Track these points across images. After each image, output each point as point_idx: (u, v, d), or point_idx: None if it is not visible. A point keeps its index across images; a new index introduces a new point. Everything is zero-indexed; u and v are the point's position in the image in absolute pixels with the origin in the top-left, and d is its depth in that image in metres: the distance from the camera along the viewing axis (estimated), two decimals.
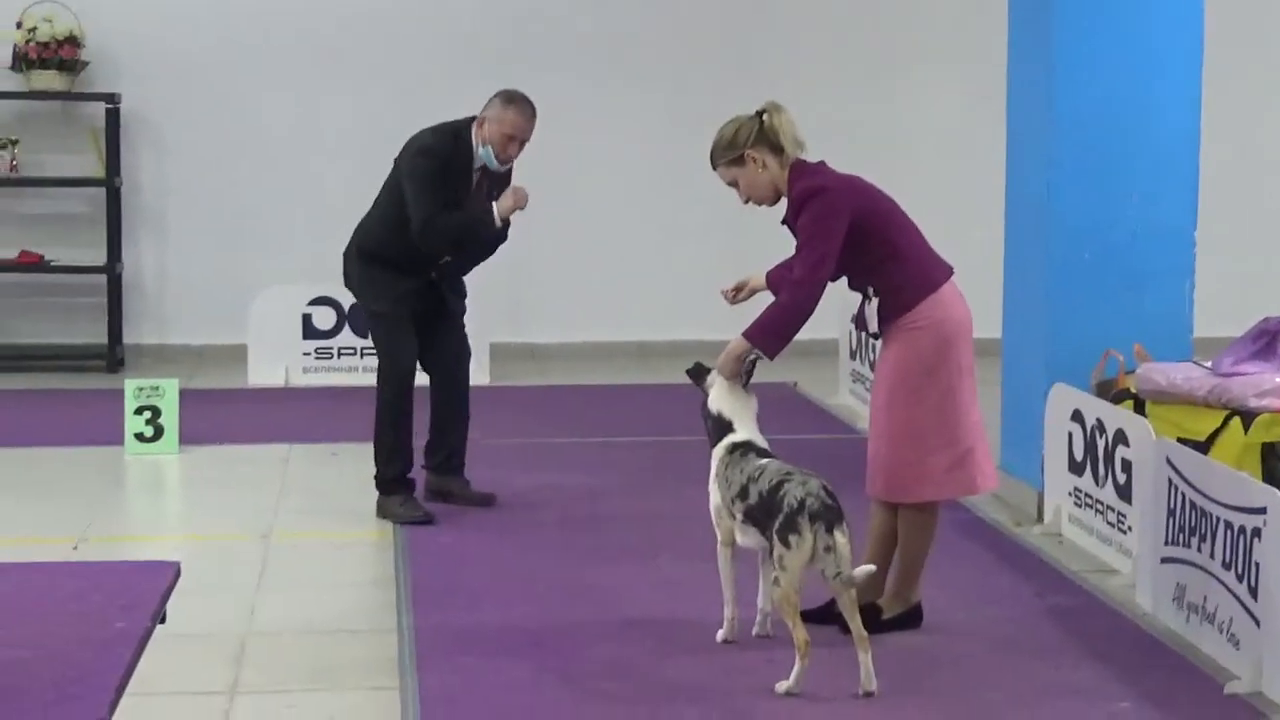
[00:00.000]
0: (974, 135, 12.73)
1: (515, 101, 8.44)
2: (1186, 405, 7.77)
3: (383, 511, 8.42)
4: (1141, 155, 8.45)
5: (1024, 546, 8.07)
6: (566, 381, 12.57)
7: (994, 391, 9.01)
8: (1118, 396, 8.11)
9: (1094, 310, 8.47)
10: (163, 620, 3.93)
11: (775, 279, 6.86)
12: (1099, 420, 7.82)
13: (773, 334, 6.48)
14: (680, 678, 6.16)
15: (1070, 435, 8.10)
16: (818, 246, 6.46)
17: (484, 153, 8.39)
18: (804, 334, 6.66)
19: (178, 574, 4.17)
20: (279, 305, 12.44)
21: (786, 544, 5.94)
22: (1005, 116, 9.02)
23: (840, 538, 5.92)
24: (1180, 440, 7.48)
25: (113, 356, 12.86)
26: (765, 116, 6.58)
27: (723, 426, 6.50)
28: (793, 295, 6.47)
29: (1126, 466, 7.49)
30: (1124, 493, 7.52)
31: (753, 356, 6.55)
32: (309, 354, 12.44)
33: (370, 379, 12.18)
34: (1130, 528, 7.43)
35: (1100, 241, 8.45)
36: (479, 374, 12.20)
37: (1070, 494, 8.12)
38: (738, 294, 7.09)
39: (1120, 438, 7.58)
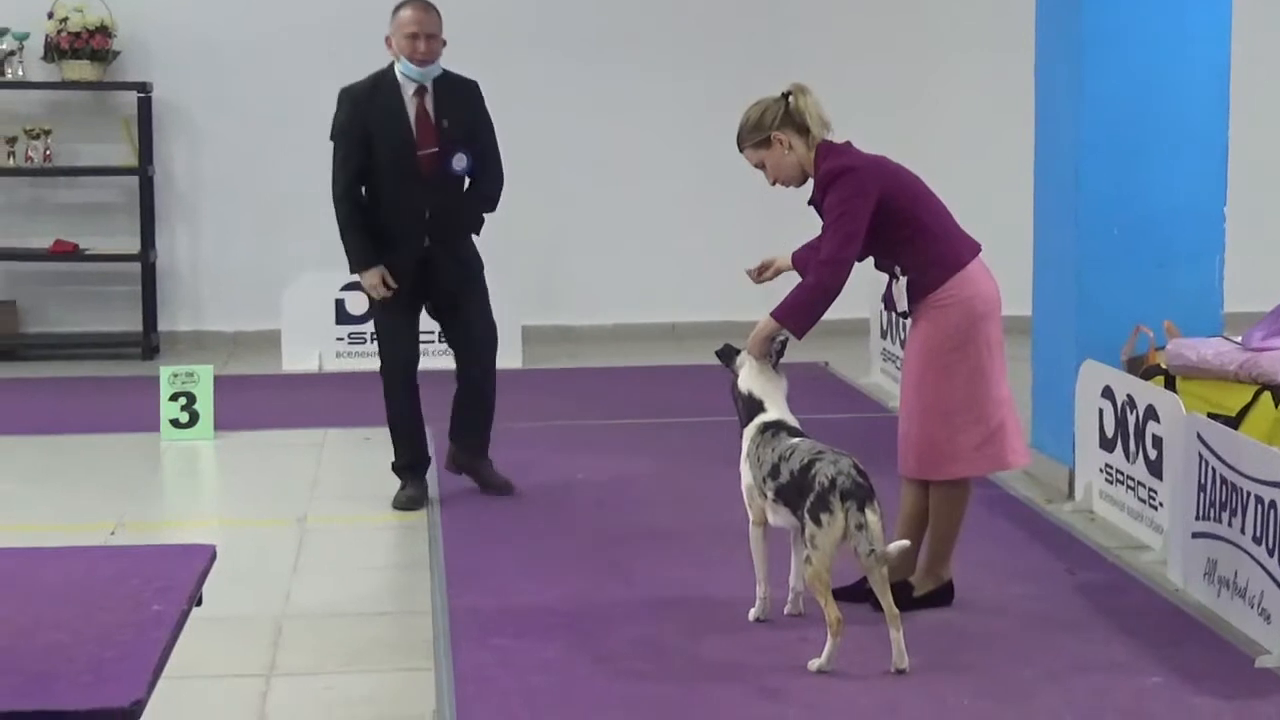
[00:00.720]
0: (1003, 115, 12.68)
1: (403, 4, 8.23)
2: (1217, 380, 7.76)
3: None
4: (1169, 133, 8.44)
5: (1055, 523, 8.08)
6: (598, 364, 12.59)
7: (1025, 369, 9.01)
8: (1148, 372, 8.11)
9: (1124, 287, 8.46)
10: (199, 603, 3.96)
11: (801, 259, 6.87)
12: (1129, 396, 7.82)
13: (801, 314, 6.49)
14: (712, 657, 6.18)
15: (1101, 412, 8.10)
16: (844, 226, 6.46)
17: (404, 68, 8.17)
18: (834, 313, 6.68)
19: (213, 557, 4.20)
20: (312, 291, 12.46)
21: (818, 522, 5.95)
22: (1034, 97, 9.01)
23: (872, 515, 5.93)
24: (1210, 415, 7.48)
25: (147, 344, 12.91)
26: (791, 98, 6.59)
27: (753, 406, 6.51)
28: (819, 275, 6.48)
29: (1157, 442, 7.48)
30: (1155, 468, 7.51)
31: (782, 337, 6.56)
32: (342, 339, 12.46)
33: None
34: (1161, 503, 7.43)
35: (1129, 218, 8.45)
36: (512, 357, 12.28)
37: (1101, 470, 8.12)
38: (762, 273, 7.10)
39: (1151, 413, 7.57)
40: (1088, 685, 5.95)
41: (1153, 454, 7.54)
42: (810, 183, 6.65)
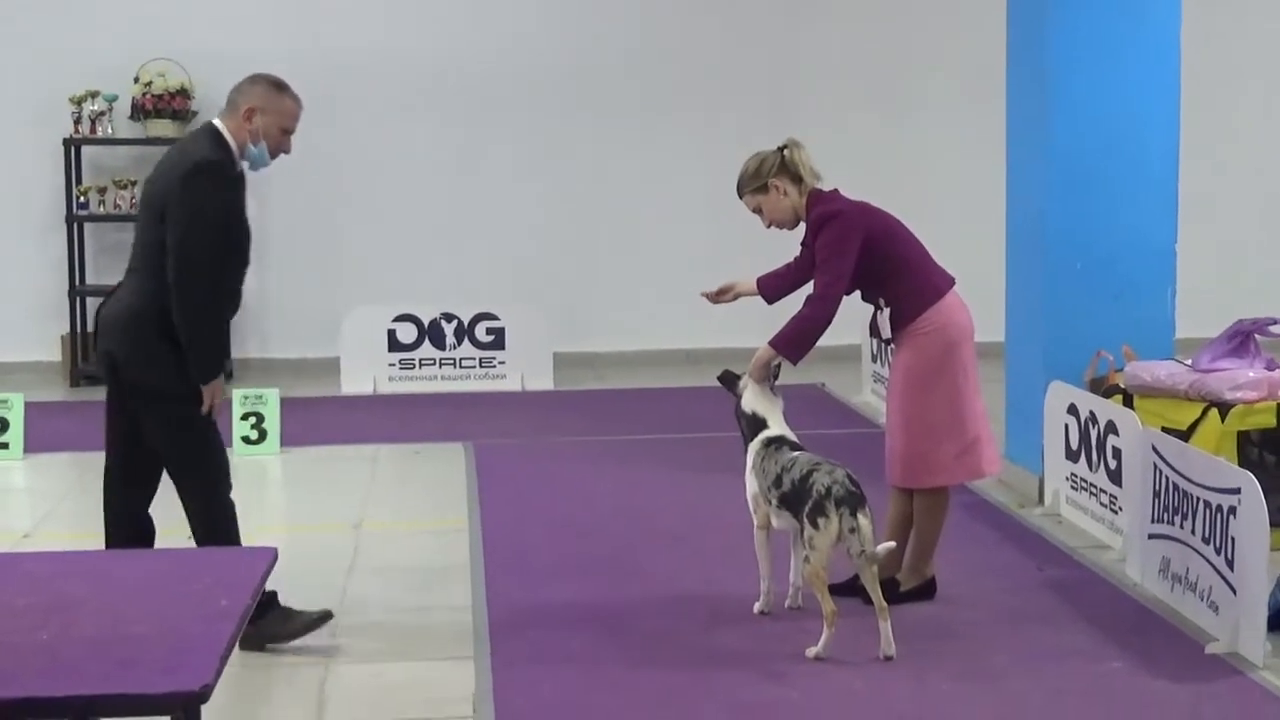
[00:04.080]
0: (976, 161, 12.69)
1: (286, 88, 6.15)
2: (1169, 398, 7.75)
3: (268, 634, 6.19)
4: (1126, 178, 8.43)
5: (1026, 526, 8.05)
6: (622, 385, 12.59)
7: (998, 388, 9.00)
8: (1108, 392, 8.09)
9: (1086, 315, 8.45)
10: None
11: (764, 283, 6.89)
12: (1092, 413, 7.80)
13: (796, 343, 6.49)
14: (722, 646, 6.17)
15: (1066, 426, 8.08)
16: (834, 266, 6.46)
17: (256, 153, 6.03)
18: (830, 340, 6.70)
19: (275, 558, 4.21)
20: (367, 322, 12.50)
21: (815, 525, 5.95)
22: (1005, 146, 9.00)
23: (863, 520, 5.93)
24: (1164, 429, 7.46)
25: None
26: (786, 151, 6.60)
27: (757, 424, 6.51)
28: (814, 309, 6.48)
29: (1117, 454, 7.46)
30: (1115, 477, 7.49)
31: (777, 362, 6.57)
32: (394, 365, 12.49)
33: (449, 385, 12.35)
34: (1120, 508, 7.40)
35: (1091, 254, 8.44)
36: (544, 380, 12.33)
37: (1067, 478, 8.10)
38: (720, 295, 7.09)
39: (1111, 428, 7.55)
40: (1054, 669, 5.93)
41: (1113, 464, 7.52)
42: (801, 226, 6.66)
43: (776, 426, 6.47)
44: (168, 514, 8.40)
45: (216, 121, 6.03)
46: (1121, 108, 8.42)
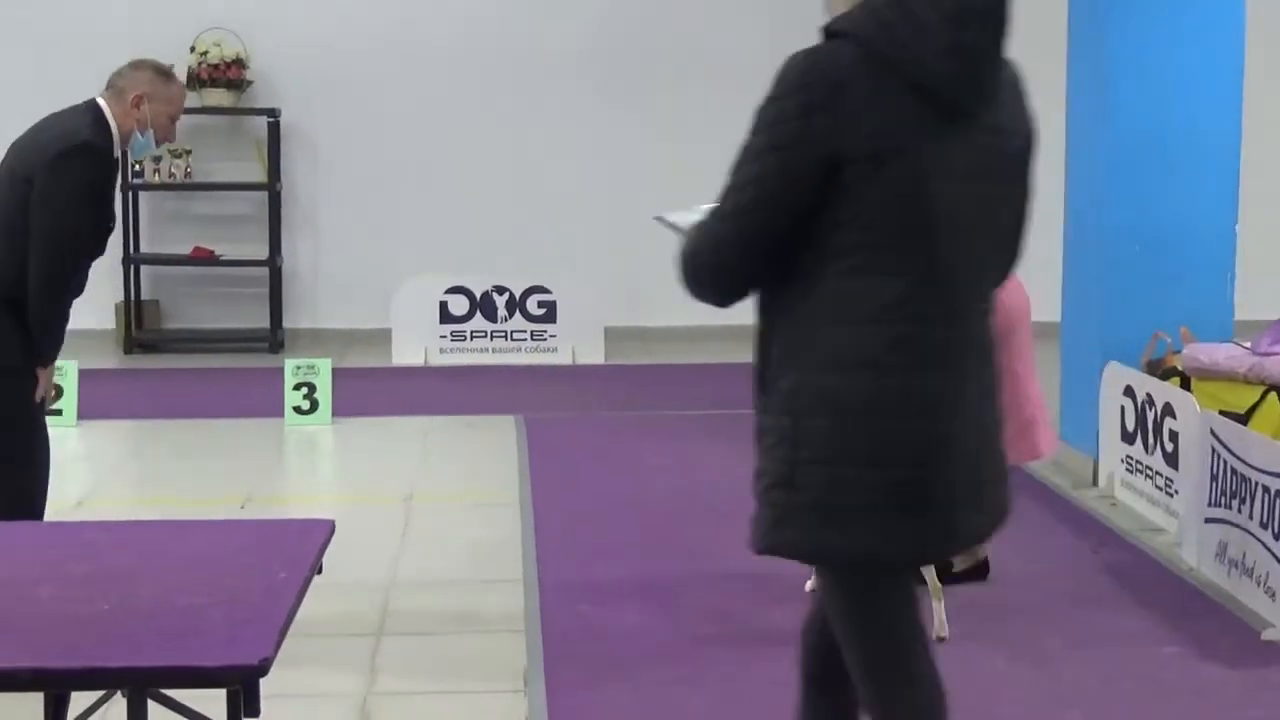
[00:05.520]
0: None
1: (172, 75, 5.96)
2: (1228, 381, 7.68)
3: None
4: (1186, 159, 8.32)
5: (1081, 508, 8.01)
6: (673, 360, 12.57)
7: (1054, 370, 8.94)
8: (1165, 374, 8.03)
9: (1143, 297, 8.37)
10: (319, 571, 3.97)
11: None
12: (1149, 395, 7.75)
13: None
14: (771, 624, 6.14)
15: (1123, 409, 8.03)
16: None
17: (143, 142, 5.81)
18: None
19: (332, 531, 4.21)
20: (419, 293, 12.52)
21: None
22: (1065, 127, 8.94)
23: None
24: (1221, 413, 7.41)
25: (274, 339, 12.97)
26: None
27: None
28: None
29: (1173, 437, 7.41)
30: (1171, 460, 7.44)
31: None
32: (445, 337, 12.50)
33: (500, 358, 12.37)
34: (1176, 491, 7.35)
35: (1149, 235, 8.35)
36: (595, 353, 12.32)
37: (1123, 461, 8.05)
38: None
39: (1168, 410, 7.50)
40: (1108, 654, 5.90)
41: (1169, 447, 7.47)
42: None
43: None
44: (211, 483, 8.48)
45: (100, 101, 5.75)
46: (1182, 88, 8.33)
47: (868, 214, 3.14)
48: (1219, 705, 5.42)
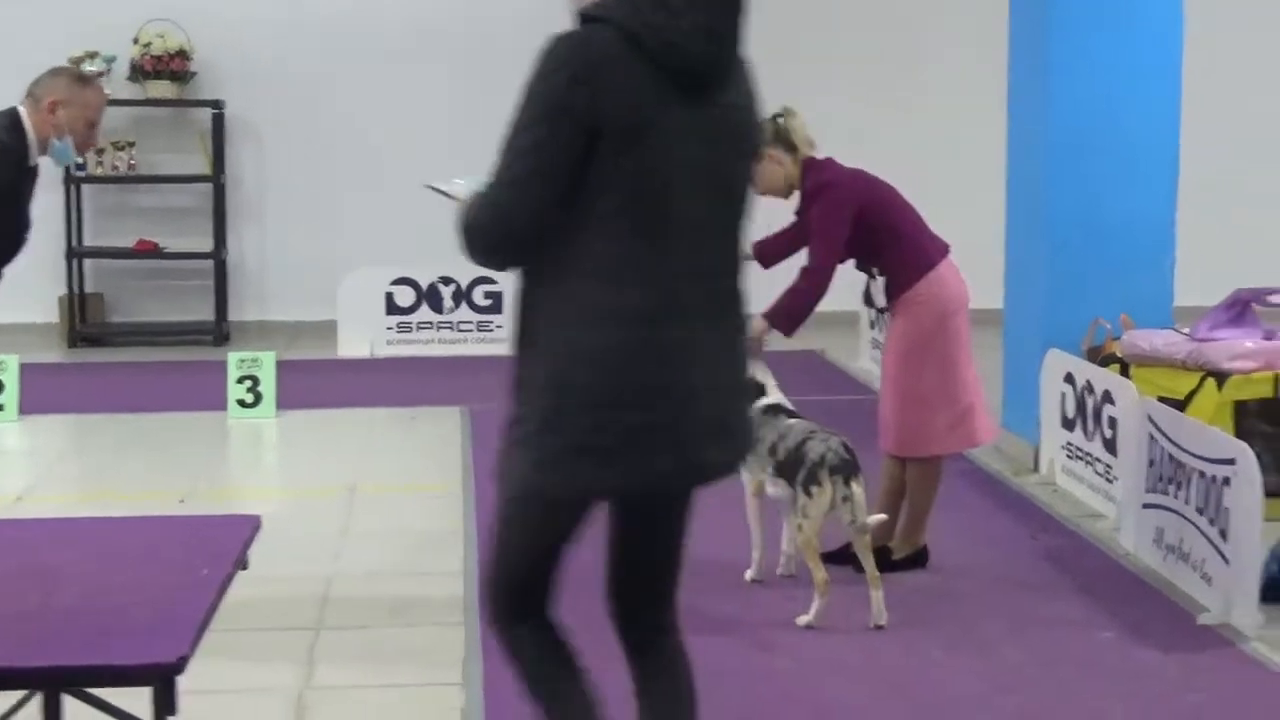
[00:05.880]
0: (977, 128, 12.61)
1: (90, 80, 5.99)
2: (1166, 368, 7.72)
3: None
4: (1127, 149, 8.38)
5: (1021, 494, 8.04)
6: None
7: (996, 357, 8.99)
8: (1105, 360, 8.07)
9: (1084, 284, 8.42)
10: (245, 566, 3.95)
11: (758, 248, 6.83)
12: (1088, 382, 7.79)
13: (789, 316, 6.45)
14: (713, 613, 6.16)
15: (1063, 395, 8.06)
16: (827, 237, 6.42)
17: (61, 147, 5.78)
18: (829, 306, 6.69)
19: (258, 526, 4.20)
20: (364, 285, 12.48)
21: (809, 493, 5.94)
22: (1007, 117, 8.97)
23: (856, 488, 5.92)
24: (1161, 399, 7.45)
25: (219, 332, 12.93)
26: (781, 119, 6.54)
27: (756, 391, 6.51)
28: (807, 281, 6.43)
29: (1112, 423, 7.44)
30: (1110, 446, 7.47)
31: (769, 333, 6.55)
32: (391, 328, 12.48)
33: (447, 349, 12.33)
34: (1115, 477, 7.39)
35: (1090, 222, 8.40)
36: None
37: (1063, 447, 8.09)
38: None
39: (1107, 397, 7.54)
40: (1046, 639, 5.92)
41: (1108, 433, 7.50)
42: (796, 195, 6.62)
43: (774, 394, 6.46)
44: (153, 477, 8.43)
45: (20, 108, 5.76)
46: (1123, 77, 8.37)
47: (620, 181, 3.45)
48: (1155, 689, 5.45)
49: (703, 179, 3.57)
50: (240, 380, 9.92)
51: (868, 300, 6.70)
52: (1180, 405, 7.43)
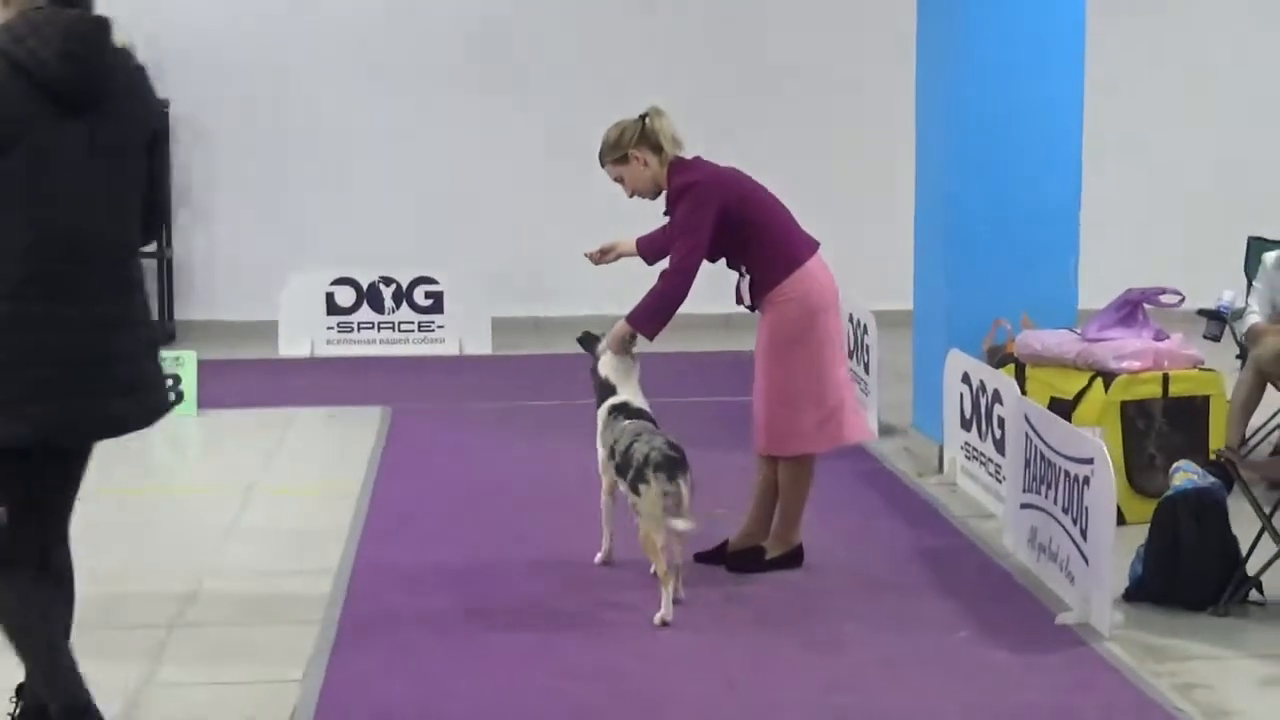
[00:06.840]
0: (886, 129, 12.34)
1: None
2: (1058, 368, 7.71)
3: None
4: (1031, 150, 8.40)
5: (918, 494, 8.03)
6: (563, 351, 12.35)
7: (907, 358, 8.98)
8: (1002, 361, 8.06)
9: (990, 284, 8.42)
10: None
11: (644, 243, 6.84)
12: (981, 382, 7.78)
13: (651, 319, 6.45)
14: (570, 610, 6.21)
15: (962, 395, 8.05)
16: (690, 238, 6.40)
17: None
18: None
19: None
20: (305, 285, 12.49)
21: (638, 492, 6.00)
22: (914, 118, 8.96)
23: (682, 485, 5.93)
24: (1053, 399, 7.45)
25: (164, 331, 12.93)
26: (647, 119, 6.53)
27: (606, 390, 6.54)
28: (668, 283, 6.42)
29: (1000, 423, 7.43)
30: (1000, 446, 7.46)
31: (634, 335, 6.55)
32: (332, 328, 12.49)
33: (387, 349, 12.31)
34: (1004, 477, 7.38)
35: (995, 222, 8.40)
36: (483, 344, 12.31)
37: (962, 447, 8.08)
38: (604, 256, 7.06)
39: (996, 397, 7.53)
40: (900, 639, 5.92)
41: (998, 433, 7.49)
42: (664, 195, 6.61)
43: (625, 393, 6.49)
44: None
45: None
46: (1027, 77, 8.37)
47: (8, 182, 4.28)
48: (992, 688, 5.44)
49: (87, 182, 4.36)
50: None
51: (739, 299, 6.68)
52: (1071, 405, 7.42)
